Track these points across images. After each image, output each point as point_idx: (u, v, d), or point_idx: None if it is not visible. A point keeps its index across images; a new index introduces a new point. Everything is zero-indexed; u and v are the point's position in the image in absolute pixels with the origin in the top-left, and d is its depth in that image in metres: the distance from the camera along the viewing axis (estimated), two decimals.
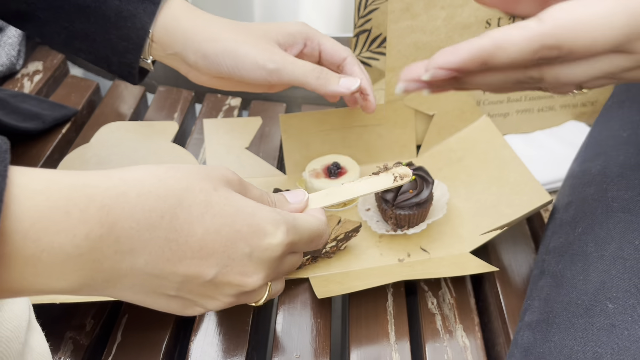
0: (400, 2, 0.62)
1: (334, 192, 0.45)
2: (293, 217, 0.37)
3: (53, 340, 0.49)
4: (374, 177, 0.46)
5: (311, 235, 0.39)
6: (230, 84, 0.55)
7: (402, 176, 0.46)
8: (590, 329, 0.39)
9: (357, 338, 0.49)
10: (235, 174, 0.37)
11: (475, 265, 0.53)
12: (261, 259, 0.35)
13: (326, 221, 0.41)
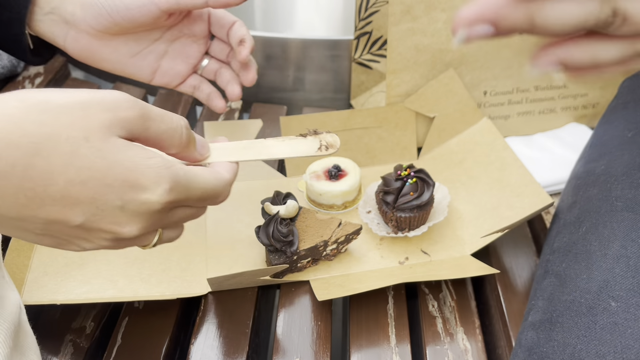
0: (400, 4, 0.62)
1: (252, 147, 0.42)
2: (185, 173, 0.35)
3: (53, 342, 0.49)
4: (300, 140, 0.43)
5: (204, 194, 0.37)
6: (111, 46, 0.51)
7: (329, 146, 0.43)
8: (593, 328, 0.39)
9: (358, 341, 0.49)
10: (132, 110, 0.33)
11: (476, 267, 0.53)
12: (136, 211, 0.34)
13: (229, 180, 0.39)
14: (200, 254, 0.56)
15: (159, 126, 0.34)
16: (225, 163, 0.40)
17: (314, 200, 0.62)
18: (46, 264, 0.53)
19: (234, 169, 0.40)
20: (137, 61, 0.53)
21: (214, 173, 0.38)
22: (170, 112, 0.36)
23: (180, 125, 0.36)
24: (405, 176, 0.56)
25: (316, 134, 0.43)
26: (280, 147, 0.42)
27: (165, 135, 0.35)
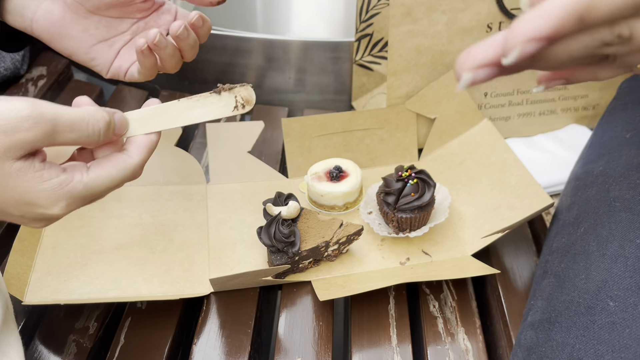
0: (401, 6, 0.62)
1: (167, 112, 0.41)
2: (84, 186, 0.37)
3: (56, 343, 0.49)
4: (214, 98, 0.42)
5: (112, 187, 0.39)
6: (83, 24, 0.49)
7: (245, 102, 0.42)
8: (591, 328, 0.39)
9: (359, 341, 0.49)
10: (33, 130, 0.34)
11: (476, 267, 0.53)
12: (38, 218, 0.37)
13: (138, 162, 0.40)
14: (202, 254, 0.57)
15: (67, 136, 0.36)
16: (140, 142, 0.41)
17: (315, 201, 0.62)
18: (49, 264, 0.54)
19: (148, 147, 0.41)
20: (103, 48, 0.51)
21: (121, 162, 0.39)
22: (87, 117, 0.37)
23: (95, 131, 0.37)
24: (406, 177, 0.56)
25: (230, 89, 0.42)
26: (195, 110, 0.42)
27: (77, 142, 0.37)
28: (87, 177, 0.37)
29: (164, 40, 0.47)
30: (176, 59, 0.50)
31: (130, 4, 0.50)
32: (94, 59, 0.51)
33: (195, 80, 0.80)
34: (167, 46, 0.48)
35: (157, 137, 0.42)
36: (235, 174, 0.65)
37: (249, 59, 0.76)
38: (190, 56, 0.51)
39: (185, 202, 0.62)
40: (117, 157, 0.39)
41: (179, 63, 0.51)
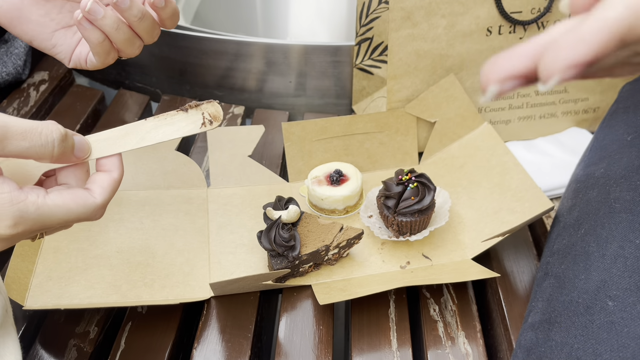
0: (401, 10, 0.62)
1: (134, 133, 0.40)
2: (37, 208, 0.35)
3: (57, 347, 0.49)
4: (182, 116, 0.41)
5: (66, 221, 0.37)
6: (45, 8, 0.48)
7: (212, 119, 0.41)
8: (590, 327, 0.39)
9: (359, 345, 0.49)
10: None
11: (476, 271, 0.53)
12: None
13: (100, 204, 0.38)
14: (203, 258, 0.57)
15: (19, 144, 0.34)
16: (103, 182, 0.39)
17: (315, 205, 0.62)
18: (50, 269, 0.54)
19: (111, 187, 0.39)
20: (65, 34, 0.49)
21: (82, 199, 0.37)
22: (40, 127, 0.35)
23: (49, 141, 0.36)
24: (406, 181, 0.56)
25: (197, 106, 0.42)
26: (163, 128, 0.41)
27: (30, 152, 0.35)
28: (42, 201, 0.35)
29: (100, 8, 0.44)
30: (126, 35, 0.47)
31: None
32: (56, 46, 0.49)
33: (196, 85, 0.80)
34: (106, 16, 0.45)
35: (119, 176, 0.40)
36: (235, 178, 0.65)
37: (249, 64, 0.77)
38: (146, 33, 0.48)
39: (186, 206, 0.62)
40: (79, 192, 0.38)
41: (134, 42, 0.48)
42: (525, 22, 0.66)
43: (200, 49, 0.76)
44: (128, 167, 0.63)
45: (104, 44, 0.47)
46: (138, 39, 0.48)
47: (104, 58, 0.48)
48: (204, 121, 0.41)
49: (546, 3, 0.65)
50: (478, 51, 0.66)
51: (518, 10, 0.65)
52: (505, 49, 0.73)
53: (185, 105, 0.42)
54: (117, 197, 0.61)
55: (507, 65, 0.28)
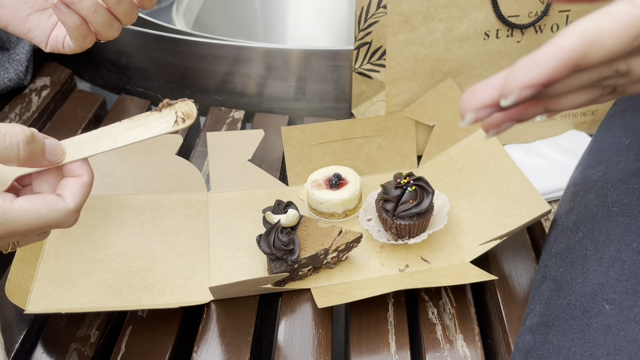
0: (398, 15, 0.62)
1: (107, 135, 0.40)
2: (2, 212, 0.34)
3: (58, 351, 0.49)
4: (155, 116, 0.41)
5: (35, 228, 0.36)
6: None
7: (185, 117, 0.41)
8: (587, 330, 0.39)
9: (358, 348, 0.50)
10: None
11: (475, 274, 0.53)
12: None
13: (72, 209, 0.37)
14: (203, 262, 0.57)
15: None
16: (74, 187, 0.38)
17: (315, 208, 0.63)
18: (52, 273, 0.54)
19: (83, 192, 0.39)
20: (41, 18, 0.48)
21: (53, 204, 0.37)
22: (5, 128, 0.35)
23: (14, 143, 0.35)
24: (405, 184, 0.57)
25: (169, 105, 0.41)
26: (135, 130, 0.40)
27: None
28: (9, 206, 0.34)
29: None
30: (104, 18, 0.45)
31: None
32: (31, 30, 0.48)
33: (197, 89, 0.81)
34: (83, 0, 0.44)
35: (89, 180, 0.39)
36: (235, 182, 0.65)
37: (249, 68, 0.77)
38: (124, 16, 0.47)
39: (186, 210, 0.62)
40: (50, 197, 0.37)
41: (112, 25, 0.47)
42: (523, 25, 0.66)
43: (200, 53, 0.77)
44: (129, 171, 0.64)
45: (81, 28, 0.46)
46: (116, 22, 0.47)
47: (81, 42, 0.47)
48: (177, 119, 0.41)
49: (543, 7, 0.66)
50: (476, 55, 0.67)
51: (515, 14, 0.65)
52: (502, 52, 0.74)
53: (158, 105, 0.42)
54: (118, 202, 0.62)
55: (481, 94, 0.31)
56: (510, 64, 0.67)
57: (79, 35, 0.46)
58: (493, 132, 0.34)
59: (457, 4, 0.64)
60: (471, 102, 0.31)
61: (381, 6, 0.66)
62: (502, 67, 0.68)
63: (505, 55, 0.67)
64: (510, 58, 0.68)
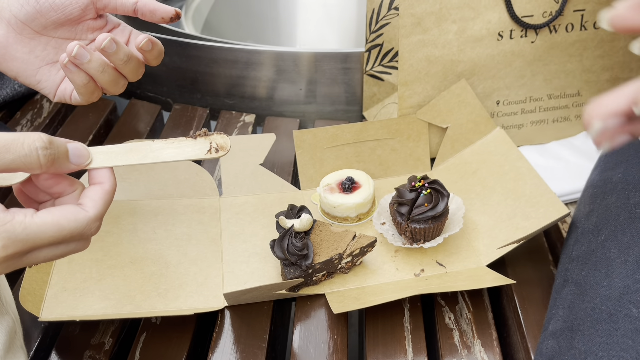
0: (411, 16, 0.62)
1: (138, 150, 0.40)
2: (24, 229, 0.34)
3: (72, 359, 0.49)
4: (189, 142, 0.42)
5: (58, 240, 0.36)
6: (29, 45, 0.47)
7: (219, 148, 0.41)
8: (614, 335, 0.39)
9: (374, 354, 0.49)
10: None
11: (492, 278, 0.53)
12: None
13: (93, 217, 0.37)
14: (216, 268, 0.57)
15: (3, 157, 0.34)
16: (94, 195, 0.38)
17: (327, 212, 0.62)
18: (65, 280, 0.54)
19: (103, 199, 0.38)
20: (50, 71, 0.49)
21: (73, 214, 0.36)
22: (23, 137, 0.35)
23: (32, 149, 0.35)
24: (420, 187, 0.56)
25: (206, 135, 0.42)
26: (167, 150, 0.41)
27: (16, 163, 0.35)
28: (29, 220, 0.35)
29: (86, 53, 0.44)
30: (111, 77, 0.47)
31: (80, 21, 0.48)
32: (41, 82, 0.49)
33: (207, 93, 0.80)
34: (92, 60, 0.45)
35: (111, 187, 0.39)
36: (247, 187, 0.65)
37: (260, 72, 0.77)
38: (131, 74, 0.48)
39: (198, 215, 0.62)
40: (70, 208, 0.37)
41: (118, 82, 0.48)
42: (537, 25, 0.65)
43: (210, 57, 0.77)
44: (140, 176, 0.64)
45: (88, 85, 0.47)
46: (123, 79, 0.49)
47: (87, 97, 0.48)
48: (210, 149, 0.42)
49: (558, 6, 0.65)
50: (489, 56, 0.66)
51: (529, 14, 0.65)
52: (516, 53, 0.73)
53: (194, 133, 0.43)
54: (130, 207, 0.62)
55: (612, 104, 0.32)
56: (524, 65, 0.67)
57: (86, 92, 0.48)
58: (607, 145, 0.34)
59: (470, 4, 0.63)
60: (600, 110, 0.32)
61: (392, 8, 0.66)
62: (516, 68, 0.67)
63: (519, 56, 0.67)
64: (524, 59, 0.67)
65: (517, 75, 0.68)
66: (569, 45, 0.67)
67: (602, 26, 0.32)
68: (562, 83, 0.69)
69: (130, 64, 0.47)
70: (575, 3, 0.65)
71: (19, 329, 0.40)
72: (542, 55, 0.67)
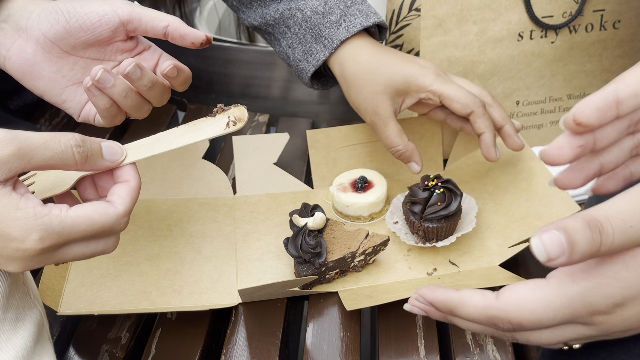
0: (432, 18, 0.62)
1: (164, 139, 0.42)
2: (60, 222, 0.36)
3: (90, 353, 0.50)
4: (209, 121, 0.43)
5: (90, 234, 0.37)
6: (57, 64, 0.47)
7: (237, 120, 0.42)
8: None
9: (387, 352, 0.49)
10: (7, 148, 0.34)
11: (504, 277, 0.53)
12: (12, 256, 0.35)
13: (122, 212, 0.39)
14: (230, 265, 0.57)
15: (43, 154, 0.36)
16: (122, 192, 0.40)
17: (340, 211, 0.63)
18: (83, 275, 0.55)
19: (131, 196, 0.40)
20: (76, 91, 0.49)
21: (104, 209, 0.38)
22: (59, 136, 0.37)
23: (68, 147, 0.37)
24: (433, 187, 0.56)
25: (223, 110, 0.43)
26: (190, 133, 0.43)
27: (54, 160, 0.36)
28: (65, 214, 0.36)
29: (110, 77, 0.45)
30: (134, 102, 0.47)
31: (109, 43, 0.48)
32: (66, 102, 0.49)
33: (221, 94, 0.81)
34: (116, 85, 0.45)
35: (137, 184, 0.41)
36: (261, 186, 0.66)
37: (273, 72, 0.77)
38: (155, 99, 0.49)
39: (213, 214, 0.63)
40: (101, 204, 0.39)
41: (142, 107, 0.48)
42: (557, 26, 0.65)
43: (225, 58, 0.78)
44: (157, 175, 0.65)
45: (111, 109, 0.47)
46: (147, 104, 0.49)
47: (110, 121, 0.49)
48: (228, 122, 0.42)
49: (577, 6, 0.65)
50: (509, 56, 0.66)
51: (549, 14, 0.65)
52: (536, 53, 0.73)
53: (213, 110, 0.44)
54: (146, 205, 0.63)
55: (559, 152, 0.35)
56: (543, 65, 0.67)
57: (109, 116, 0.48)
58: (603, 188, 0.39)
59: (491, 5, 0.63)
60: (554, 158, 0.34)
61: (413, 9, 0.66)
62: (536, 68, 0.68)
63: (539, 56, 0.67)
64: (543, 59, 0.67)
65: (537, 76, 0.68)
66: (588, 46, 0.67)
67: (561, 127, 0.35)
68: (582, 83, 0.69)
69: (154, 90, 0.48)
70: (595, 3, 0.65)
71: (45, 322, 0.41)
72: (561, 56, 0.67)
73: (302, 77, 0.61)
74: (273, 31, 0.62)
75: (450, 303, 0.35)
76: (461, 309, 0.35)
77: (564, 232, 0.30)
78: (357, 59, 0.58)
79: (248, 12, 0.63)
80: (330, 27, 0.58)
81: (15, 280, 0.38)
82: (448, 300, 0.35)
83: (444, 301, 0.35)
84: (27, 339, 0.37)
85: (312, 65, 0.59)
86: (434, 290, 0.36)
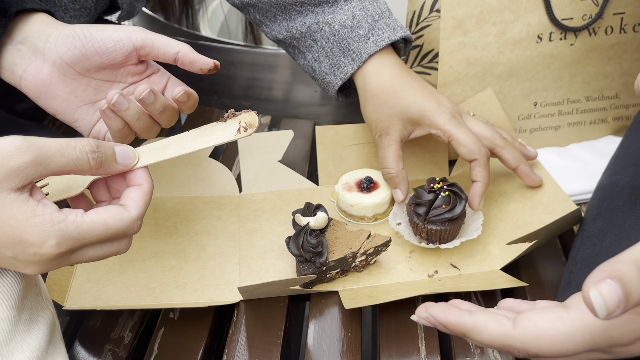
0: (452, 19, 0.62)
1: (176, 143, 0.43)
2: (76, 227, 0.37)
3: (93, 352, 0.51)
4: (220, 126, 0.44)
5: (105, 238, 0.38)
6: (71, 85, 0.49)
7: (248, 126, 0.43)
8: None
9: (388, 352, 0.50)
10: (24, 156, 0.35)
11: (504, 280, 0.53)
12: (29, 260, 0.36)
13: (135, 216, 0.40)
14: (233, 263, 0.58)
15: (59, 160, 0.37)
16: (135, 196, 0.41)
17: (344, 210, 0.63)
18: (89, 271, 0.56)
19: (144, 200, 0.41)
20: (88, 110, 0.51)
21: (118, 213, 0.39)
22: (74, 142, 0.37)
23: (83, 153, 0.38)
24: (438, 189, 0.56)
25: (234, 115, 0.44)
26: (201, 138, 0.44)
27: (70, 166, 0.37)
28: (80, 219, 0.37)
29: (125, 101, 0.47)
30: (145, 124, 0.49)
31: (122, 66, 0.50)
32: (77, 120, 0.51)
33: (224, 95, 0.81)
34: (130, 108, 0.47)
35: (149, 188, 0.42)
36: (266, 184, 0.66)
37: (275, 74, 0.78)
38: (165, 122, 0.50)
39: (218, 212, 0.63)
40: (115, 208, 0.40)
41: (152, 128, 0.50)
42: (576, 28, 0.65)
43: (227, 60, 0.78)
44: (164, 174, 0.65)
45: (123, 130, 0.49)
46: (157, 125, 0.51)
47: (120, 140, 0.50)
48: (239, 128, 0.43)
49: (597, 9, 0.65)
50: (528, 58, 0.66)
51: (569, 17, 0.65)
52: (555, 55, 0.73)
53: (224, 115, 0.44)
54: (153, 203, 0.63)
55: None
56: (562, 67, 0.67)
57: (120, 136, 0.50)
58: None
59: (511, 7, 0.63)
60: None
61: (434, 10, 0.66)
62: (554, 70, 0.67)
63: (558, 58, 0.67)
64: (562, 61, 0.67)
65: (555, 77, 0.68)
66: (608, 48, 0.67)
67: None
68: (600, 85, 0.69)
69: (165, 113, 0.50)
70: (615, 6, 0.65)
71: (57, 322, 0.42)
72: (580, 58, 0.67)
73: (329, 90, 0.62)
74: (298, 44, 0.63)
75: (464, 327, 0.34)
76: (475, 335, 0.34)
77: (620, 282, 0.28)
78: (381, 77, 0.59)
79: (272, 26, 0.64)
80: (359, 41, 0.59)
81: (28, 281, 0.39)
82: (461, 324, 0.34)
83: (456, 325, 0.35)
84: (40, 339, 0.38)
85: (340, 79, 0.60)
86: (446, 312, 0.35)
